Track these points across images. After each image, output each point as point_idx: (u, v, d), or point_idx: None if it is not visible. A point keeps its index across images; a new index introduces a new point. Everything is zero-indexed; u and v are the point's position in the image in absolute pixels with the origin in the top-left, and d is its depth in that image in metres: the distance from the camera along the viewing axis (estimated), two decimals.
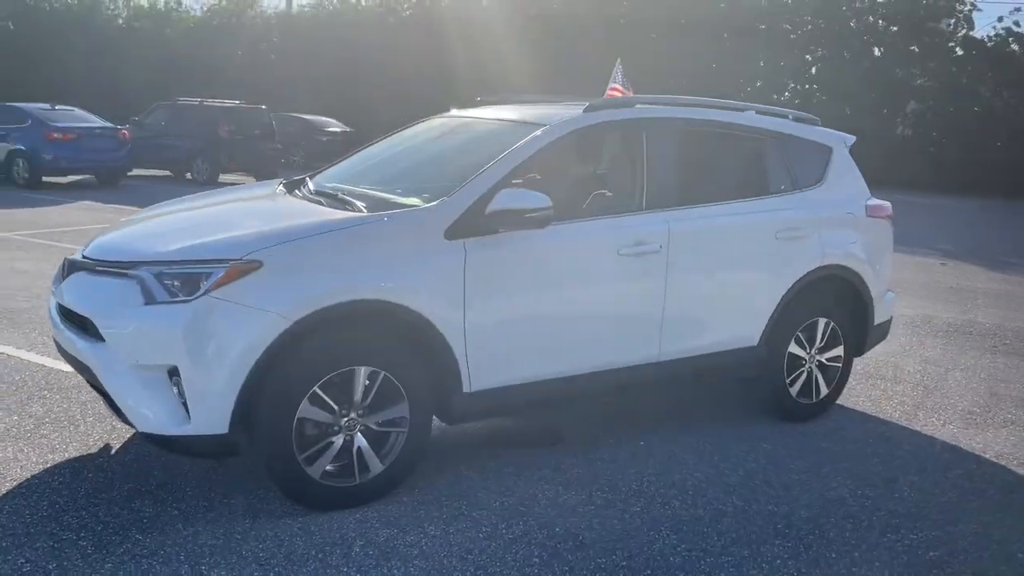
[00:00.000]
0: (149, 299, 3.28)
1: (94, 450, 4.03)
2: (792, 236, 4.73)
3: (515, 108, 4.85)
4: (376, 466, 3.59)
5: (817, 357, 4.97)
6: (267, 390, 3.30)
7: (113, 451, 4.03)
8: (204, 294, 3.23)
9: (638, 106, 4.53)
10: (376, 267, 3.50)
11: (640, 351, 4.28)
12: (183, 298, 3.25)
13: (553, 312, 3.97)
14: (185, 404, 3.22)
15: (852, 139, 5.39)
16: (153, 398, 3.26)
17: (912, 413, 5.23)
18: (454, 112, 5.26)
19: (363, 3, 35.55)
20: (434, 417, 3.80)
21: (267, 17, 37.22)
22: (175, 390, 3.25)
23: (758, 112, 5.04)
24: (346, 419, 3.49)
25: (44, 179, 15.91)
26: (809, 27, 29.09)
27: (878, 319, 5.23)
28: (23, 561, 3.03)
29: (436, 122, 5.11)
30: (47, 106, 16.28)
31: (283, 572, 3.04)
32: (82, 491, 3.59)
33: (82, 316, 3.49)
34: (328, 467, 3.48)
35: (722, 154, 4.88)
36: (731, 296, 4.56)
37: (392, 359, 3.55)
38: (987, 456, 4.60)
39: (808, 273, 4.79)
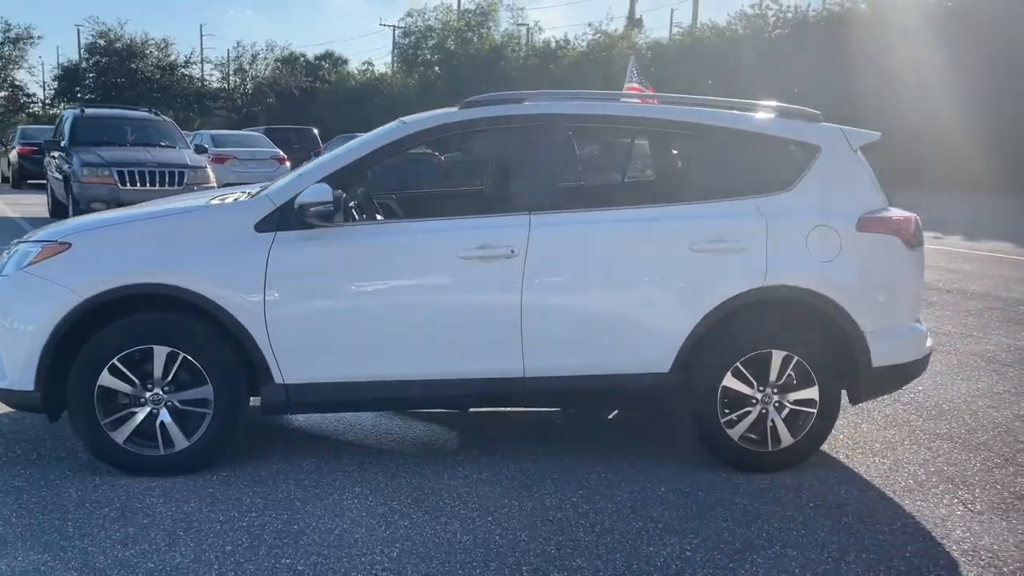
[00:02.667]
0: (1, 271, 3.98)
1: None
2: (717, 249, 4.00)
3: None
4: (181, 441, 3.88)
5: (775, 397, 4.11)
6: (77, 358, 3.79)
7: None
8: (21, 269, 3.83)
9: (527, 102, 4.21)
10: (174, 254, 3.82)
11: (495, 364, 3.99)
12: (8, 272, 3.88)
13: (378, 312, 3.91)
14: (2, 361, 3.85)
15: (872, 136, 4.35)
16: None
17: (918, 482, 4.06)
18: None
19: (730, 24, 35.12)
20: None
21: (637, 48, 38.59)
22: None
23: (716, 107, 4.34)
24: (150, 393, 3.85)
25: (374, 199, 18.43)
26: None
27: (882, 360, 4.14)
28: None
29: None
30: None
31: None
32: None
33: None
34: (131, 435, 3.86)
35: (631, 155, 4.30)
36: (623, 314, 4.01)
37: (192, 342, 3.83)
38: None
39: (742, 294, 4.01)
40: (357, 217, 4.46)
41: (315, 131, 25.45)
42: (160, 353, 3.81)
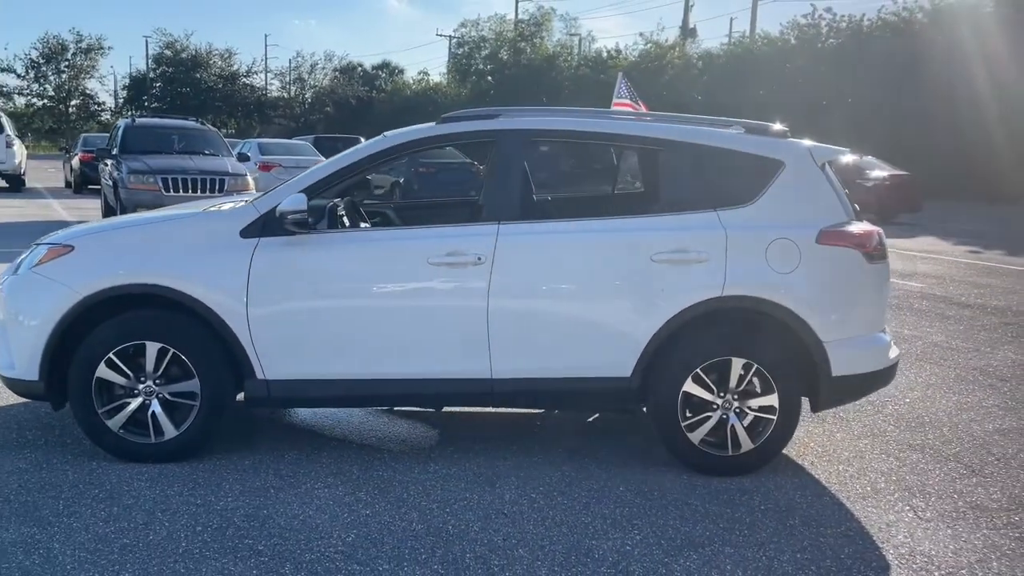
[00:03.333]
0: (14, 271, 4.34)
1: None
2: (676, 259, 4.17)
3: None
4: (170, 430, 4.19)
5: (735, 403, 4.25)
6: (77, 352, 4.13)
7: None
8: (29, 269, 4.19)
9: (500, 118, 4.43)
10: (166, 258, 4.14)
11: (463, 365, 4.21)
12: (21, 272, 4.25)
13: (349, 314, 4.17)
14: (11, 352, 4.21)
15: (839, 152, 4.47)
16: None
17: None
18: None
19: (782, 35, 34.81)
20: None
21: (688, 58, 38.50)
22: (6, 341, 4.25)
23: (681, 122, 4.50)
24: (143, 385, 4.17)
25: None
26: None
27: (843, 369, 4.25)
28: None
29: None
30: None
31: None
32: None
33: None
34: (125, 423, 4.19)
35: (596, 169, 4.49)
36: (585, 320, 4.20)
37: (180, 339, 4.14)
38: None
39: (700, 303, 4.16)
40: (346, 224, 4.73)
41: (362, 140, 26.08)
42: (152, 349, 4.12)
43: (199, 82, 59.10)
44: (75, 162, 22.79)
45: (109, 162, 13.77)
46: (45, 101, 58.89)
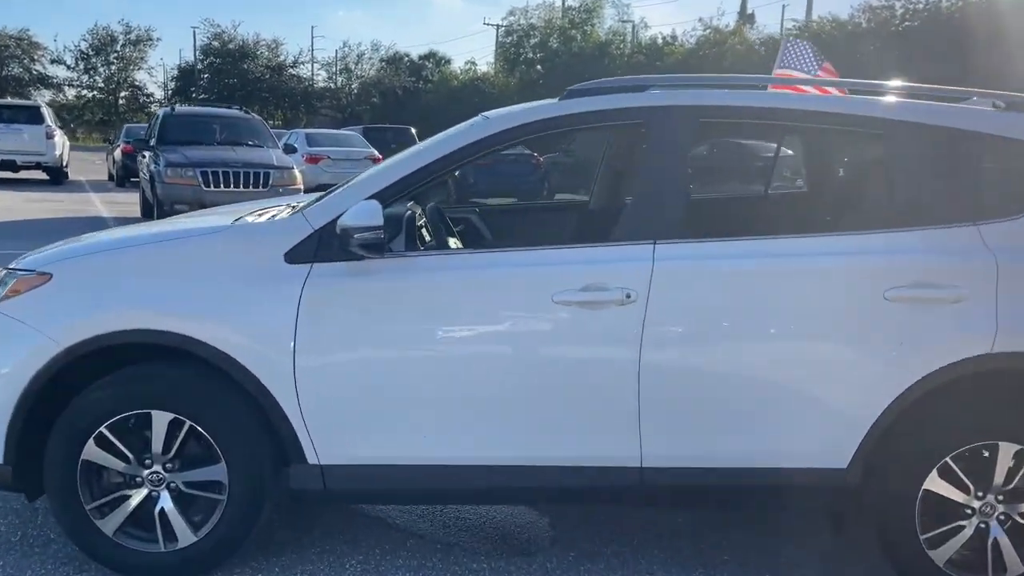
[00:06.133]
0: None
1: None
2: (921, 297, 2.82)
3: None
4: (187, 536, 2.95)
5: (1001, 507, 2.89)
6: (57, 423, 2.91)
7: None
8: None
9: (652, 90, 3.10)
10: (179, 292, 2.90)
11: (601, 448, 2.92)
12: None
13: (439, 374, 2.90)
14: None
15: None
16: None
17: None
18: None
19: (852, 17, 32.92)
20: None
21: (750, 43, 36.73)
22: None
23: (909, 97, 3.12)
24: (148, 472, 2.94)
25: (471, 200, 17.60)
26: None
27: None
28: None
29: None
30: None
31: None
32: None
33: None
34: (124, 523, 2.96)
35: (795, 163, 3.14)
36: (782, 386, 2.87)
37: (200, 408, 2.90)
38: None
39: (957, 363, 2.81)
40: (428, 239, 3.47)
41: (413, 131, 24.84)
42: (160, 420, 2.89)
43: (246, 73, 58.45)
44: (117, 154, 21.86)
45: (147, 154, 12.72)
46: (95, 93, 58.84)
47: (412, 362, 2.90)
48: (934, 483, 2.89)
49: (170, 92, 61.79)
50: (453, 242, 3.49)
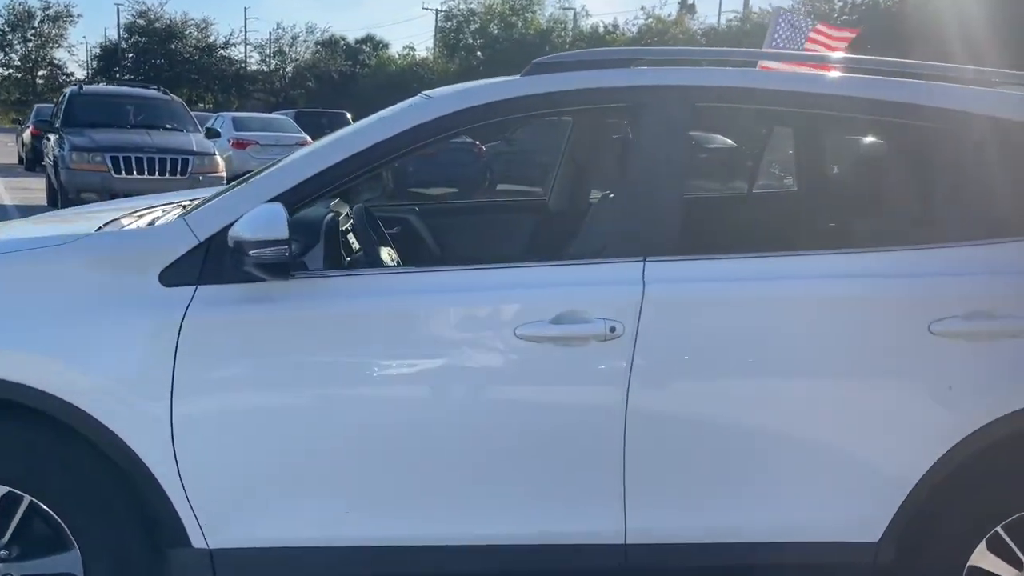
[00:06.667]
0: None
1: None
2: (979, 331, 2.25)
3: None
4: None
5: None
6: None
7: None
8: None
9: (640, 66, 2.46)
10: (11, 323, 2.16)
11: (576, 522, 2.29)
12: None
13: (374, 432, 2.23)
14: None
15: None
16: None
17: None
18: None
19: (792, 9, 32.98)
20: None
21: (692, 33, 36.60)
22: None
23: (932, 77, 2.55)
24: None
25: (410, 190, 16.80)
26: None
27: None
28: None
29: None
30: None
31: None
32: None
33: None
34: None
35: (806, 160, 2.58)
36: (800, 443, 2.28)
37: (43, 479, 2.18)
38: None
39: (1017, 413, 2.25)
40: (355, 248, 2.78)
41: (348, 116, 23.84)
42: None
43: (174, 53, 56.26)
44: (26, 136, 20.39)
45: (52, 136, 11.63)
46: (11, 71, 55.94)
47: (330, 416, 2.22)
48: (982, 558, 2.34)
49: (92, 72, 59.17)
50: (386, 253, 2.80)
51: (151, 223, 2.53)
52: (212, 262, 2.19)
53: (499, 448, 2.24)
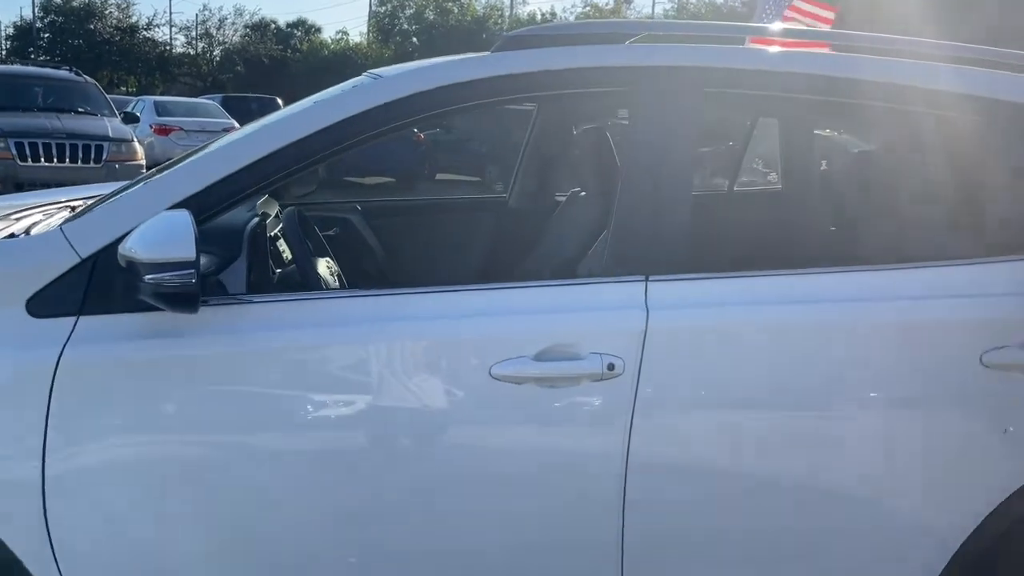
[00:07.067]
0: None
1: None
2: None
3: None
4: None
5: None
6: None
7: None
8: None
9: (635, 42, 2.04)
10: None
11: None
12: None
13: (306, 501, 1.76)
14: None
15: None
16: None
17: None
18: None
19: (727, 1, 33.13)
20: None
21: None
22: None
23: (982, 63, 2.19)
24: None
25: (344, 179, 16.13)
26: None
27: None
28: None
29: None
30: None
31: None
32: None
33: None
34: None
35: (840, 159, 2.19)
36: (829, 497, 1.90)
37: None
38: None
39: None
40: (286, 259, 2.30)
41: (279, 101, 22.94)
42: None
43: (93, 34, 53.81)
44: None
45: None
46: None
47: (253, 483, 1.74)
48: None
49: (4, 53, 56.30)
50: (325, 265, 2.32)
51: (27, 231, 2.01)
52: (98, 286, 1.69)
53: (470, 520, 1.80)
